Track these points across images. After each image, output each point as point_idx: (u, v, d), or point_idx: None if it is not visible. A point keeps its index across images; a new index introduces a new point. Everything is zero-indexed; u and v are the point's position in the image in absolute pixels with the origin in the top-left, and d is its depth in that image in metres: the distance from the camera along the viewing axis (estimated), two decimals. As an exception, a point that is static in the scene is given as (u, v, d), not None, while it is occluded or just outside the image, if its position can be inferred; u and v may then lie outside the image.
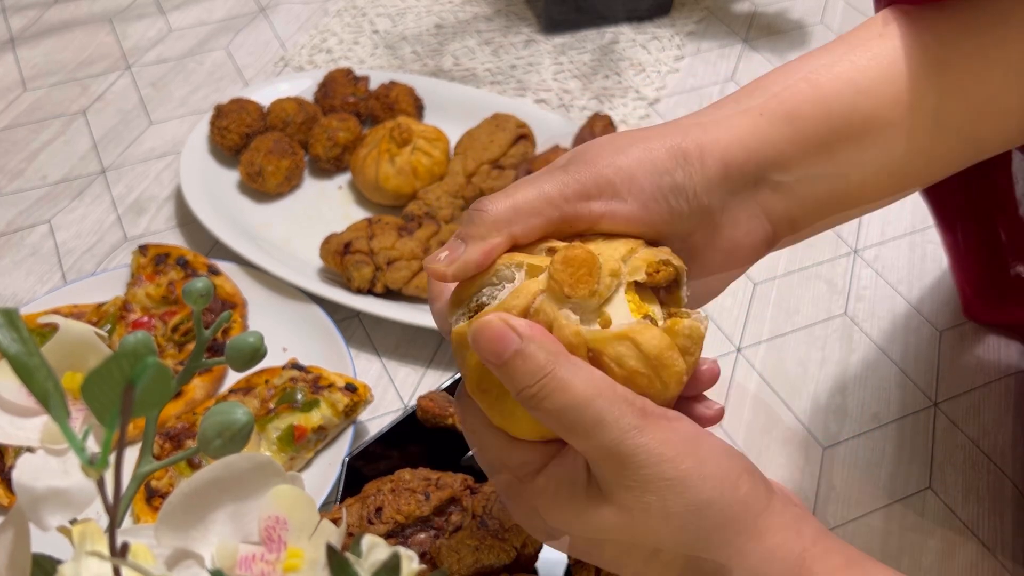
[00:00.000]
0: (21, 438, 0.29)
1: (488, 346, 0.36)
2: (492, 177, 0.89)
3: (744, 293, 0.84)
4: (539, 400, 0.36)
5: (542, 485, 0.39)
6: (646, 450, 0.36)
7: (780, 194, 0.43)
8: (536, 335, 0.36)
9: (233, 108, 0.93)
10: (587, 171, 0.40)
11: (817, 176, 0.43)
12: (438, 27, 1.15)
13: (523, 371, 0.36)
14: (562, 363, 0.36)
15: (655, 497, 0.36)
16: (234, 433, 0.32)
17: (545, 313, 0.37)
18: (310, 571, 0.28)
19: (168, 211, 0.92)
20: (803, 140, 0.42)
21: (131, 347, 0.30)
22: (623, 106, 1.04)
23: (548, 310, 0.37)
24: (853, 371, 0.78)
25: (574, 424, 0.36)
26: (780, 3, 1.18)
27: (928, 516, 0.69)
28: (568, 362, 0.36)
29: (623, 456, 0.36)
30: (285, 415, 0.69)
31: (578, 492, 0.38)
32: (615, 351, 0.37)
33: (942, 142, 0.44)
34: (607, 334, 0.37)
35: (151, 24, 1.16)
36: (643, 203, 0.40)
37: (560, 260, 0.37)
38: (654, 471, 0.36)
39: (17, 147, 0.99)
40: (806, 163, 0.42)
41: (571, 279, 0.37)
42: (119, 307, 0.78)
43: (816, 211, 0.44)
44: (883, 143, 0.43)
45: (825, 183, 0.43)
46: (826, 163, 0.43)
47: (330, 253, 0.82)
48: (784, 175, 0.42)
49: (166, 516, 0.28)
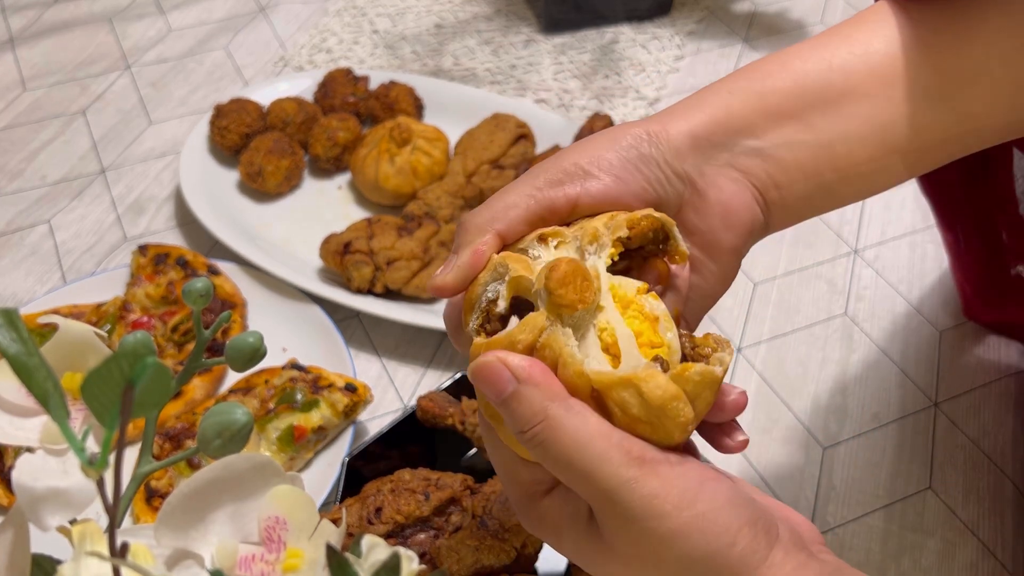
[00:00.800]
0: (21, 438, 0.29)
1: (486, 387, 0.36)
2: (492, 177, 0.89)
3: (744, 293, 0.84)
4: (535, 444, 0.36)
5: (547, 507, 0.39)
6: (640, 504, 0.35)
7: (759, 159, 0.43)
8: (535, 376, 0.36)
9: (233, 108, 0.93)
10: (556, 162, 0.41)
11: (795, 143, 0.43)
12: (438, 27, 1.15)
13: (519, 414, 0.35)
14: (558, 408, 0.35)
15: (648, 548, 0.36)
16: (234, 433, 0.32)
17: (551, 349, 0.36)
18: (310, 571, 0.28)
19: (168, 211, 0.92)
20: (773, 110, 0.43)
21: (131, 347, 0.30)
22: (623, 106, 1.04)
23: (555, 346, 0.36)
24: (853, 371, 0.78)
25: (568, 470, 0.35)
26: (780, 3, 1.18)
27: (928, 516, 0.69)
28: (565, 407, 0.35)
29: (616, 507, 0.35)
30: (285, 415, 0.69)
31: (579, 525, 0.38)
32: (619, 396, 0.35)
33: (927, 112, 0.44)
34: (612, 378, 0.36)
35: (151, 24, 1.16)
36: (616, 176, 0.41)
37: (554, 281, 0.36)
38: (647, 525, 0.35)
39: (17, 147, 0.99)
40: (779, 130, 0.43)
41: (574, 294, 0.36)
42: (119, 307, 0.78)
43: (803, 177, 0.44)
44: (861, 112, 0.43)
45: (806, 150, 0.43)
46: (801, 131, 0.43)
47: (330, 253, 0.82)
48: (758, 141, 0.43)
49: (166, 516, 0.28)
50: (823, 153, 0.43)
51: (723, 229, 0.43)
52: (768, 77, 0.44)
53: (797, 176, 0.43)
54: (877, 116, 0.43)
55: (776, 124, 0.43)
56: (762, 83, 0.44)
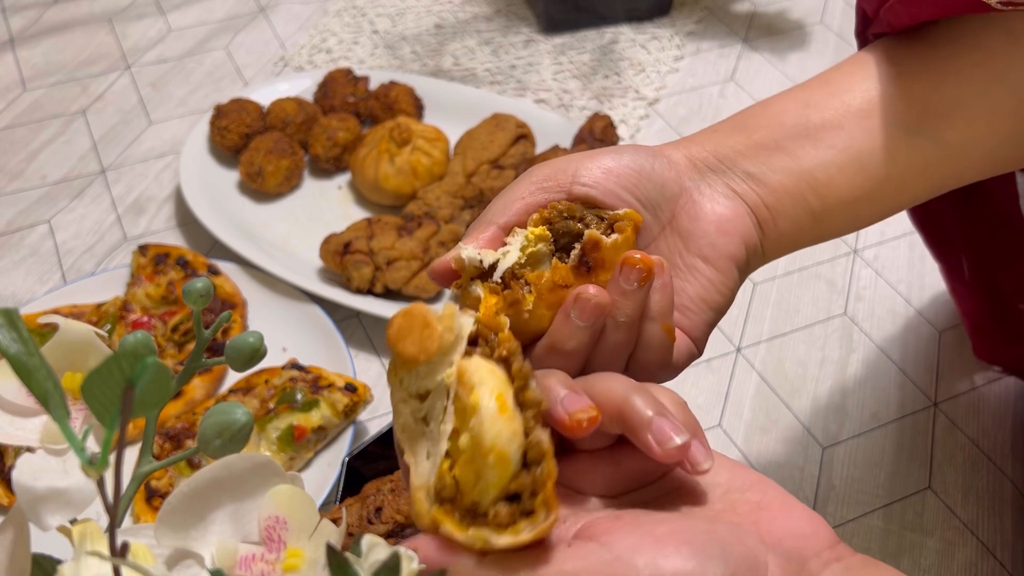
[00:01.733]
0: (21, 438, 0.29)
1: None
2: (492, 177, 0.89)
3: (744, 293, 0.84)
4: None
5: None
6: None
7: (752, 182, 0.45)
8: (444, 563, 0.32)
9: (233, 108, 0.93)
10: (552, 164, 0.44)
11: (780, 168, 0.45)
12: (438, 27, 1.15)
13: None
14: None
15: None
16: (234, 433, 0.32)
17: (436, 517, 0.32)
18: (310, 571, 0.28)
19: (168, 211, 0.92)
20: (757, 143, 0.46)
21: (131, 347, 0.30)
22: (623, 106, 1.04)
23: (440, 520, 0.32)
24: (853, 371, 0.78)
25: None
26: (780, 3, 1.18)
27: (927, 516, 0.69)
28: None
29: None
30: (285, 415, 0.69)
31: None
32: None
33: (905, 142, 0.46)
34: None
35: (151, 24, 1.16)
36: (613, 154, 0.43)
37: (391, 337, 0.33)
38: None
39: (17, 147, 0.99)
40: (767, 159, 0.45)
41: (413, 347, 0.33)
42: (119, 307, 0.78)
43: (790, 201, 0.45)
44: (838, 143, 0.45)
45: (790, 175, 0.45)
46: (786, 159, 0.45)
47: (330, 253, 0.82)
48: (749, 166, 0.46)
49: (166, 516, 0.28)
50: (806, 179, 0.46)
51: (718, 233, 0.44)
52: (750, 119, 0.47)
53: (785, 200, 0.45)
54: (853, 146, 0.46)
55: (764, 154, 0.46)
56: (744, 123, 0.47)
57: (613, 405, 0.35)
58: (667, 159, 0.44)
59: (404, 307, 0.34)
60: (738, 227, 0.44)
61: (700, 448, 0.35)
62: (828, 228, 0.47)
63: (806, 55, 1.10)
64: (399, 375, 0.35)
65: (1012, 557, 0.66)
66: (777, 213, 0.45)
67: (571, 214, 0.41)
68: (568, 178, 0.43)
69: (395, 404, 0.35)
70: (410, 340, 0.33)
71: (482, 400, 0.31)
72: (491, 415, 0.31)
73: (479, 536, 0.31)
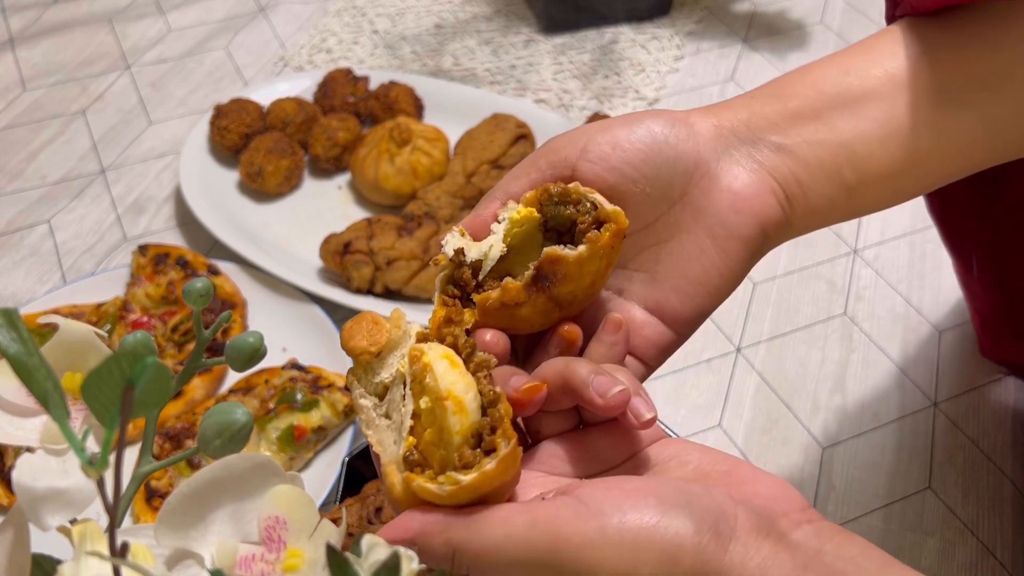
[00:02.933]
0: (21, 438, 0.29)
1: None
2: (492, 177, 0.89)
3: (744, 293, 0.84)
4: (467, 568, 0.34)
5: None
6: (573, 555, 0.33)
7: (782, 155, 0.43)
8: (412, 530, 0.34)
9: (233, 108, 0.93)
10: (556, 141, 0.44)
11: (816, 141, 0.43)
12: (438, 27, 1.15)
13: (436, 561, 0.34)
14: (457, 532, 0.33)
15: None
16: (234, 433, 0.32)
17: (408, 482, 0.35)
18: (310, 571, 0.28)
19: (168, 211, 0.92)
20: (794, 111, 0.44)
21: (131, 347, 0.30)
22: (623, 106, 1.04)
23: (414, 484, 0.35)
24: (853, 371, 0.78)
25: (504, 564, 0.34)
26: (780, 3, 1.18)
27: (928, 516, 0.69)
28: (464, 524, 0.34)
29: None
30: (285, 415, 0.69)
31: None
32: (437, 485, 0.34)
33: (950, 116, 0.44)
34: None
35: (151, 24, 1.16)
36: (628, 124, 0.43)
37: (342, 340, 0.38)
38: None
39: (17, 147, 0.99)
40: (800, 129, 0.43)
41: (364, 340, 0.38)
42: (119, 307, 0.78)
43: (824, 176, 0.43)
44: (880, 115, 0.43)
45: (827, 148, 0.43)
46: (822, 130, 0.43)
47: (330, 253, 0.82)
48: (780, 138, 0.43)
49: (166, 516, 0.28)
50: (843, 152, 0.43)
51: (731, 212, 0.42)
52: (788, 86, 0.45)
53: (819, 174, 0.43)
54: (896, 118, 0.43)
55: (798, 124, 0.43)
56: (782, 90, 0.45)
57: (557, 376, 0.38)
58: (689, 128, 0.43)
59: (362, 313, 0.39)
60: (755, 206, 0.42)
61: (642, 402, 0.37)
62: (861, 204, 0.45)
63: (806, 55, 1.10)
64: (356, 374, 0.39)
65: (1012, 557, 0.66)
66: (808, 188, 0.43)
67: (564, 198, 0.41)
68: (577, 152, 0.42)
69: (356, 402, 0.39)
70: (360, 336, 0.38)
71: (433, 361, 0.35)
72: (444, 369, 0.35)
73: (448, 479, 0.34)
